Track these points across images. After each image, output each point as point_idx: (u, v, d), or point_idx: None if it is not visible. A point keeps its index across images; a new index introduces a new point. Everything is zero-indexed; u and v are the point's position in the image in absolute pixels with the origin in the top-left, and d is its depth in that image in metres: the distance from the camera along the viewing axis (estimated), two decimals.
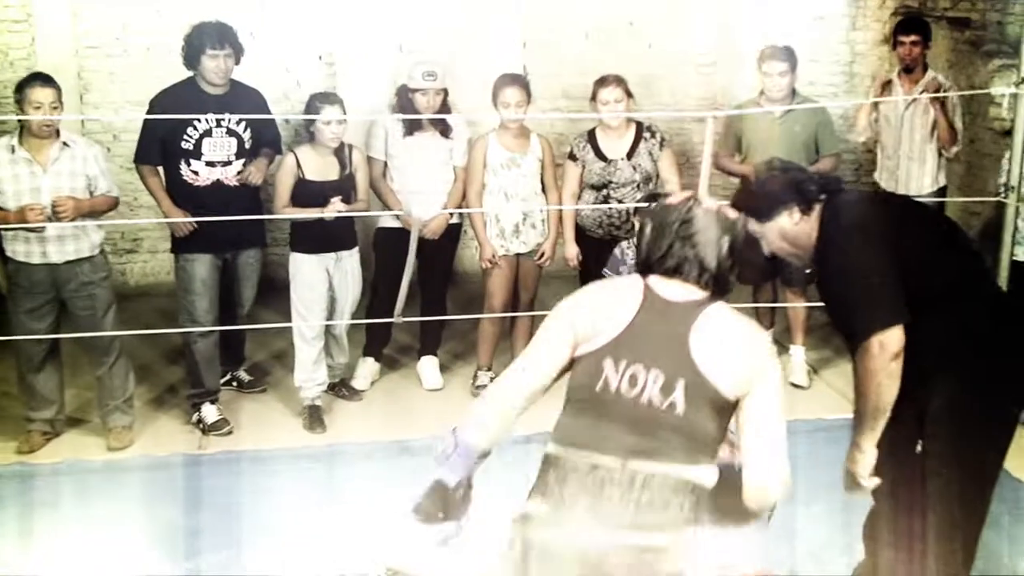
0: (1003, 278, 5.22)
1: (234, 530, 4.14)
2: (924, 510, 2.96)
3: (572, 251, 5.50)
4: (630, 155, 5.39)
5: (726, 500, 2.42)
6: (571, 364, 2.51)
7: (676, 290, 2.50)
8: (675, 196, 2.64)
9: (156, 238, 7.12)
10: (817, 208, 3.04)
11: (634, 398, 2.36)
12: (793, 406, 4.87)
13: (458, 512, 2.56)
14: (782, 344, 6.06)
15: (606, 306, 2.49)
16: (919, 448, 3.03)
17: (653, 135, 5.45)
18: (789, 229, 3.04)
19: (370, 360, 5.73)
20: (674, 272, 2.51)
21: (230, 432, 5.09)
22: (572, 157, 5.47)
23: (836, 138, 5.92)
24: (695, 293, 2.50)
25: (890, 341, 2.79)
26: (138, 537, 4.07)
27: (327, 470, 4.73)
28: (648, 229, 2.59)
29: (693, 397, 2.35)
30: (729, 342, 2.42)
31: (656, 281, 2.52)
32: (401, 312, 4.75)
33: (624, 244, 5.21)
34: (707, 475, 2.37)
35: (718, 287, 2.53)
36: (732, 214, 2.63)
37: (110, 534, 4.10)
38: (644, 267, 2.59)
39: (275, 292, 5.79)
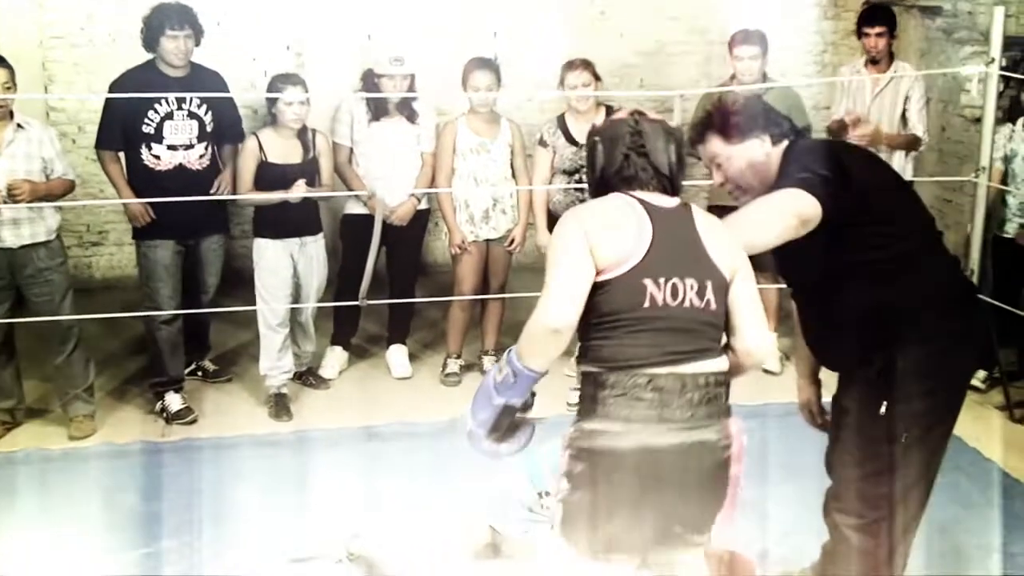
0: (973, 258, 5.24)
1: (195, 516, 4.05)
2: (891, 475, 2.90)
3: (545, 239, 5.43)
4: None
5: None
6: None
7: (658, 199, 2.56)
8: (620, 112, 2.70)
9: (122, 231, 7.00)
10: (783, 146, 2.95)
11: (678, 307, 2.47)
12: (765, 391, 4.90)
13: (525, 430, 2.67)
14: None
15: (619, 226, 2.50)
16: (883, 410, 2.92)
17: None
18: (757, 157, 2.93)
19: (338, 349, 5.65)
20: (632, 182, 2.58)
21: (194, 421, 5.00)
22: (542, 143, 5.41)
23: (807, 122, 5.87)
24: (670, 199, 2.59)
25: (804, 206, 2.70)
26: (97, 524, 3.99)
27: (292, 456, 4.64)
28: (600, 147, 2.64)
29: (718, 292, 2.52)
30: (720, 234, 2.59)
31: (638, 194, 2.56)
32: (366, 295, 4.66)
33: None
34: (726, 363, 2.57)
35: (675, 191, 2.63)
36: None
37: (68, 521, 4.01)
38: (601, 183, 2.64)
39: (242, 284, 5.67)
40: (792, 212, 2.68)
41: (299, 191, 4.92)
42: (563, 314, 2.42)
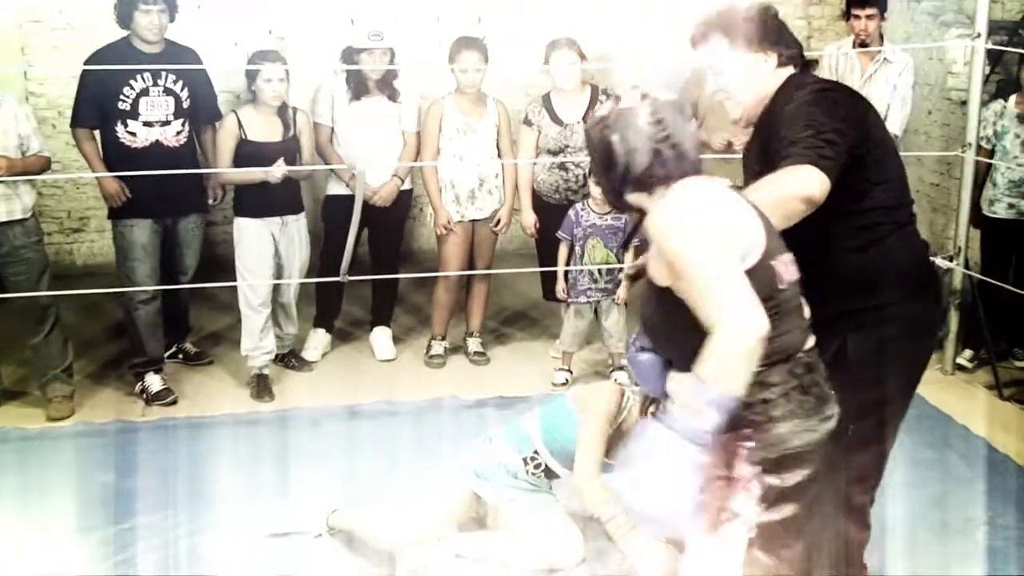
0: (960, 234, 5.21)
1: (172, 492, 3.98)
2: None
3: (530, 219, 5.39)
4: (586, 118, 5.29)
5: None
6: None
7: (718, 180, 2.38)
8: (626, 97, 2.40)
9: (103, 217, 6.83)
10: (787, 72, 2.71)
11: (792, 282, 2.36)
12: None
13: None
14: None
15: (738, 211, 2.30)
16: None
17: (608, 97, 5.34)
18: (758, 75, 2.68)
19: (321, 331, 5.59)
20: (667, 178, 2.32)
21: (174, 402, 4.93)
22: (527, 122, 5.35)
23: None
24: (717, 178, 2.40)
25: (813, 188, 2.48)
26: (72, 501, 3.91)
27: (273, 434, 4.58)
28: (618, 143, 2.34)
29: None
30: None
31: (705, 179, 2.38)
32: (347, 272, 4.61)
33: (578, 206, 5.12)
34: None
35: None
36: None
37: (43, 498, 3.95)
38: (627, 183, 2.36)
39: (223, 270, 5.56)
40: (801, 196, 2.46)
41: (279, 170, 4.85)
42: (760, 318, 2.12)
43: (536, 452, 3.51)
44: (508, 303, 6.32)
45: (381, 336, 5.61)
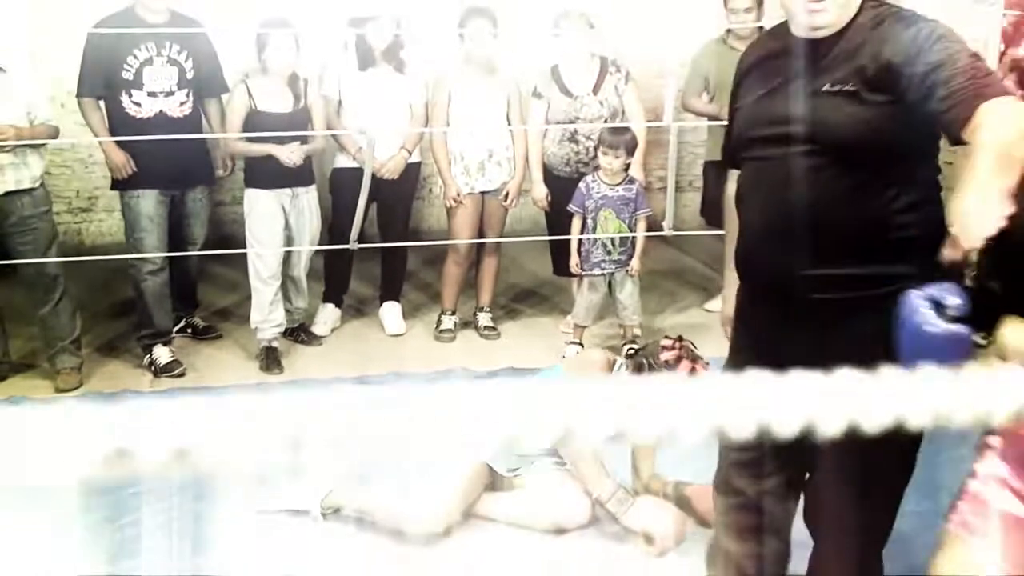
0: None
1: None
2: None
3: (541, 192, 5.34)
4: (596, 90, 5.25)
5: None
6: None
7: None
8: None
9: (112, 196, 6.83)
10: None
11: None
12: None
13: None
14: None
15: None
16: None
17: (618, 69, 5.31)
18: None
19: (330, 306, 5.55)
20: None
21: (182, 374, 4.90)
22: (537, 95, 5.31)
23: None
24: None
25: None
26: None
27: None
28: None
29: None
30: None
31: None
32: (356, 239, 4.58)
33: (588, 178, 5.08)
34: None
35: None
36: None
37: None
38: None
39: (233, 247, 5.54)
40: None
41: (296, 155, 4.85)
42: None
43: None
44: (518, 280, 6.27)
45: (391, 311, 5.57)
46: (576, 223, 5.09)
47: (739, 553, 2.65)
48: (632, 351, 3.58)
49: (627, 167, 4.99)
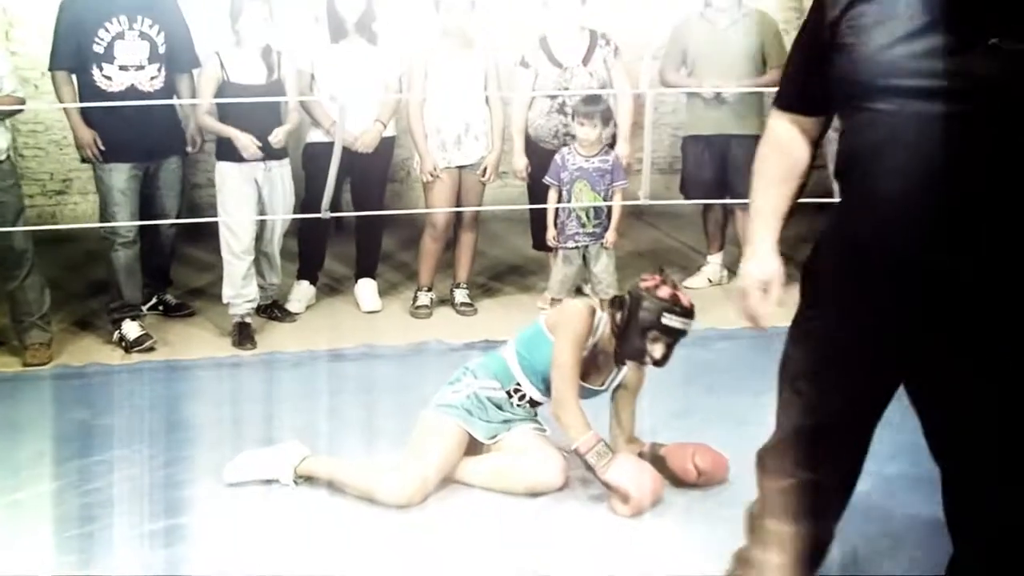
0: None
1: (148, 428, 3.89)
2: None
3: (521, 163, 5.28)
4: (585, 62, 5.20)
5: None
6: None
7: None
8: None
9: (86, 179, 6.81)
10: None
11: None
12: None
13: None
14: (733, 271, 5.90)
15: None
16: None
17: (608, 42, 5.27)
18: None
19: (305, 283, 5.48)
20: None
21: (153, 348, 4.83)
22: (524, 64, 5.26)
23: (784, 50, 5.74)
24: None
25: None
26: (47, 436, 3.82)
27: (253, 375, 4.49)
28: None
29: None
30: None
31: None
32: (328, 208, 4.53)
33: (564, 150, 5.04)
34: None
35: None
36: None
37: (15, 432, 3.87)
38: None
39: (208, 237, 5.42)
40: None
41: (277, 138, 4.82)
42: None
43: (519, 384, 3.44)
44: (497, 257, 6.23)
45: (366, 287, 5.51)
46: (552, 195, 5.05)
47: (782, 532, 2.42)
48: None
49: (605, 139, 4.95)
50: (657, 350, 3.32)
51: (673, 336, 3.33)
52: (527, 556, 3.01)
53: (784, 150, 2.34)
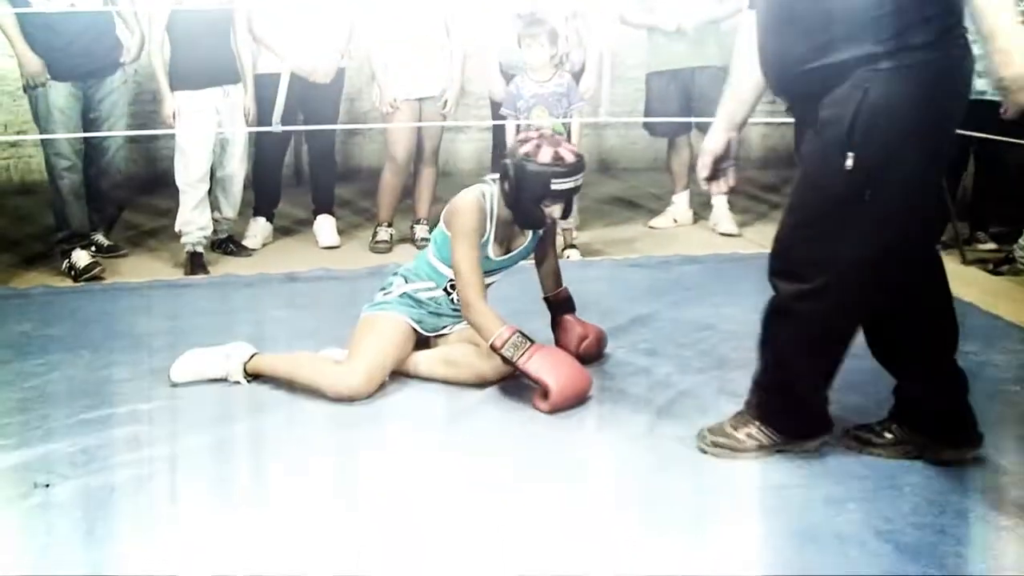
0: None
1: (92, 337, 3.75)
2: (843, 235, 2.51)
3: (499, 90, 5.10)
4: None
5: None
6: None
7: None
8: None
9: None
10: None
11: None
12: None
13: None
14: (700, 214, 5.85)
15: None
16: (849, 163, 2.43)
17: None
18: None
19: (261, 220, 5.37)
20: None
21: (102, 276, 4.68)
22: None
23: None
24: None
25: None
26: None
27: (205, 294, 4.36)
28: None
29: None
30: None
31: None
32: (279, 122, 4.43)
33: (517, 79, 4.93)
34: None
35: None
36: None
37: None
38: None
39: (167, 187, 5.30)
40: None
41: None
42: None
43: (452, 279, 3.33)
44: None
45: (324, 224, 5.39)
46: (510, 126, 4.94)
47: None
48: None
49: (554, 61, 4.83)
50: (556, 211, 3.27)
51: (567, 195, 3.25)
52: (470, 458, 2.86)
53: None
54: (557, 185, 3.18)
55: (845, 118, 2.41)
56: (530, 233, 3.43)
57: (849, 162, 2.41)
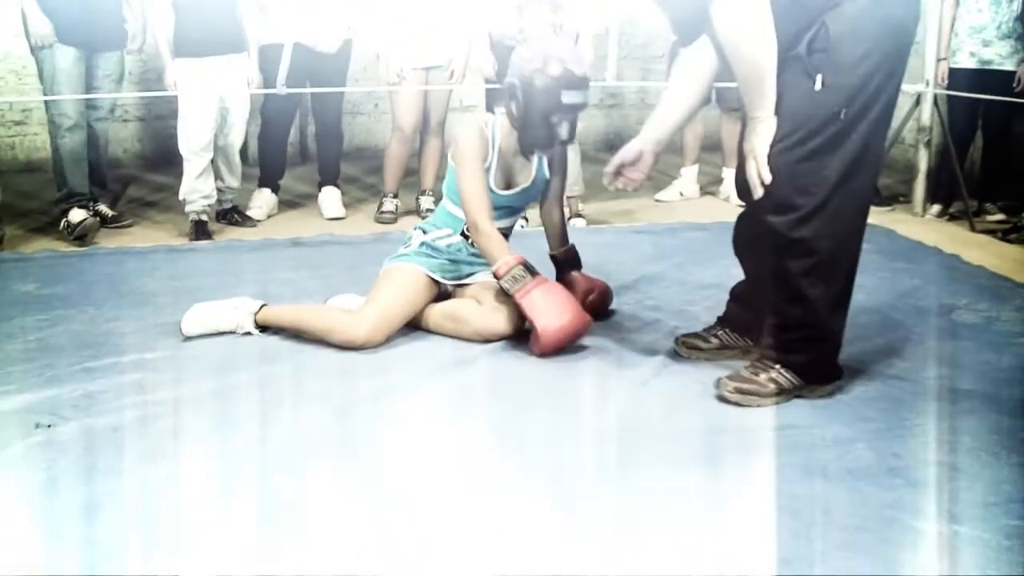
0: (928, 70, 5.06)
1: (97, 295, 3.73)
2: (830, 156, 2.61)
3: (490, 70, 5.11)
4: None
5: None
6: None
7: None
8: None
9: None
10: None
11: None
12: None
13: None
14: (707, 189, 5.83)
15: None
16: (819, 85, 2.56)
17: None
18: None
19: (267, 191, 5.34)
20: None
21: (96, 229, 4.71)
22: None
23: None
24: None
25: None
26: None
27: (209, 257, 4.34)
28: None
29: None
30: None
31: None
32: (285, 84, 4.41)
33: (519, 49, 4.87)
34: None
35: None
36: None
37: None
38: None
39: (171, 166, 5.31)
40: None
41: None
42: None
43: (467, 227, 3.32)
44: None
45: (330, 195, 5.37)
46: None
47: None
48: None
49: (556, 27, 4.81)
50: (564, 130, 3.24)
51: (575, 112, 3.25)
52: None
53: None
54: (568, 98, 3.18)
55: (807, 45, 2.56)
56: (533, 170, 3.41)
57: (818, 85, 2.54)
